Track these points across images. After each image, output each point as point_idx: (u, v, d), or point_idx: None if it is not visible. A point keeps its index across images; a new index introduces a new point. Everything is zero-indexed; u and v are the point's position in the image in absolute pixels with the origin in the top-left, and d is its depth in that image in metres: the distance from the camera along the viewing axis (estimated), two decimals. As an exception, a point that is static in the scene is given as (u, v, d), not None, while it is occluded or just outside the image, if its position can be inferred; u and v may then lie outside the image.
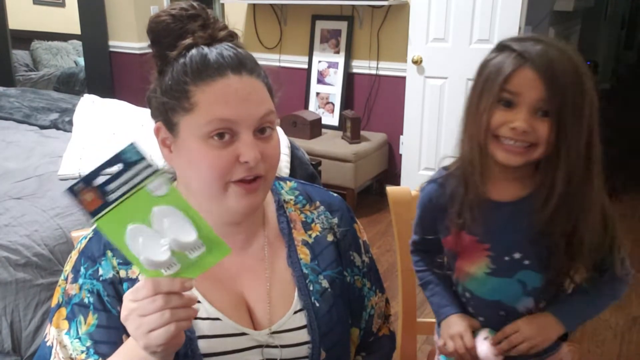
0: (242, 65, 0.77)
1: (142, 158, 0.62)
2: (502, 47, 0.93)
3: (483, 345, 1.03)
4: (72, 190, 0.61)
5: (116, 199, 0.62)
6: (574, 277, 1.00)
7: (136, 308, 0.64)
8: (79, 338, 0.78)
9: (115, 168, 0.61)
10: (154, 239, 0.63)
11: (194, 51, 0.77)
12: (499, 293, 1.03)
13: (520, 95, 0.88)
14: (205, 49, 0.77)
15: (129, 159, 0.62)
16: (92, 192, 0.61)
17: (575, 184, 0.91)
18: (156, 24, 0.78)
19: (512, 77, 0.88)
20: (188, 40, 0.78)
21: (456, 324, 1.07)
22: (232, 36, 0.82)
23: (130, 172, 0.62)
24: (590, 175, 0.92)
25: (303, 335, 0.85)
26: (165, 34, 0.78)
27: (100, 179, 0.61)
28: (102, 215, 0.62)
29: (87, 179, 0.61)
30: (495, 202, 0.99)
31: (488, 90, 0.91)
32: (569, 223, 0.93)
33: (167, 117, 0.79)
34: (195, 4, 0.80)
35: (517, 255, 0.99)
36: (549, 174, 0.91)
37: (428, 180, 1.09)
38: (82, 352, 0.78)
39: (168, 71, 0.78)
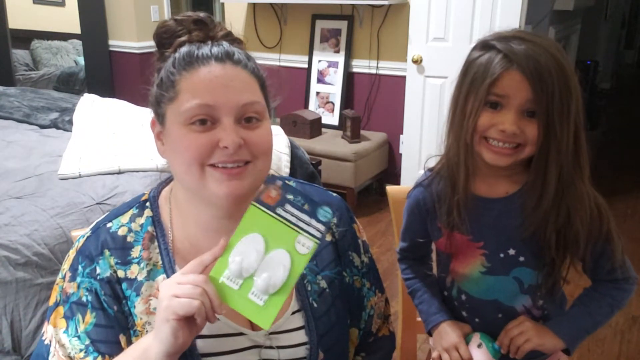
0: (229, 56, 0.78)
1: (325, 223, 0.72)
2: (486, 46, 0.92)
3: (478, 353, 1.02)
4: (272, 177, 0.73)
5: (279, 215, 0.72)
6: (567, 276, 0.99)
7: (179, 276, 0.71)
8: (78, 336, 0.78)
9: (305, 205, 0.72)
10: (254, 256, 0.71)
11: (185, 47, 0.79)
12: (495, 292, 1.03)
13: (508, 97, 0.88)
14: (196, 45, 0.79)
15: (318, 212, 0.72)
16: (278, 195, 0.72)
17: (566, 179, 0.91)
18: (161, 28, 0.82)
19: (499, 79, 0.88)
20: (183, 38, 0.80)
21: (448, 333, 1.06)
22: (231, 38, 0.83)
23: (307, 217, 0.72)
24: (579, 169, 0.92)
25: (301, 336, 0.85)
26: (167, 35, 0.81)
27: (294, 196, 0.72)
28: (261, 209, 0.72)
29: (286, 186, 0.72)
30: (486, 199, 0.99)
31: (475, 92, 0.90)
32: (561, 217, 0.93)
33: (158, 109, 0.81)
34: (202, 13, 0.82)
35: (511, 252, 0.98)
36: (540, 172, 0.91)
37: (414, 185, 1.08)
38: (81, 350, 0.78)
39: (162, 67, 0.80)
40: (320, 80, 3.79)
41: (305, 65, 3.84)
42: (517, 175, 0.98)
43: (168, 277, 0.81)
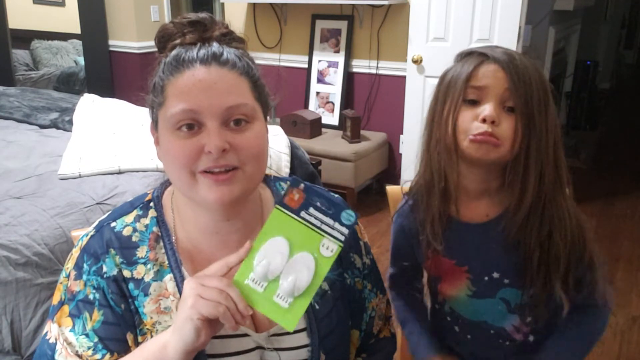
0: (215, 57, 0.77)
1: (349, 226, 0.72)
2: (462, 55, 0.93)
3: None
4: (295, 179, 0.73)
5: (303, 219, 0.72)
6: (552, 296, 0.97)
7: (205, 278, 0.71)
8: (86, 334, 0.79)
9: (328, 208, 0.72)
10: (279, 259, 0.72)
11: (175, 50, 0.79)
12: (483, 314, 1.02)
13: (486, 88, 0.87)
14: (185, 47, 0.78)
15: (342, 216, 0.72)
16: (301, 198, 0.72)
17: (546, 188, 0.89)
18: (160, 32, 0.81)
19: (475, 72, 0.88)
20: (177, 41, 0.79)
21: None
22: (225, 36, 0.81)
23: (330, 221, 0.72)
24: (560, 182, 0.91)
25: (303, 338, 0.85)
26: (164, 39, 0.81)
27: (317, 199, 0.73)
28: (285, 212, 0.72)
29: (309, 189, 0.73)
30: (467, 224, 0.98)
31: (452, 93, 0.90)
32: (542, 231, 0.91)
33: (152, 114, 0.81)
34: (205, 14, 0.81)
35: (495, 275, 0.98)
36: (519, 174, 0.89)
37: (396, 211, 1.08)
38: (89, 348, 0.78)
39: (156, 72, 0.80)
40: (320, 80, 3.79)
41: (305, 65, 3.84)
42: (496, 195, 0.96)
43: (175, 277, 0.81)
